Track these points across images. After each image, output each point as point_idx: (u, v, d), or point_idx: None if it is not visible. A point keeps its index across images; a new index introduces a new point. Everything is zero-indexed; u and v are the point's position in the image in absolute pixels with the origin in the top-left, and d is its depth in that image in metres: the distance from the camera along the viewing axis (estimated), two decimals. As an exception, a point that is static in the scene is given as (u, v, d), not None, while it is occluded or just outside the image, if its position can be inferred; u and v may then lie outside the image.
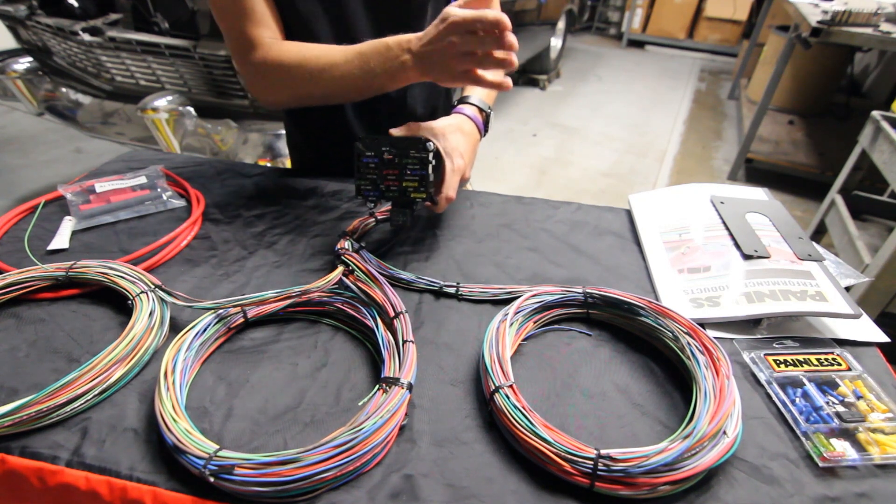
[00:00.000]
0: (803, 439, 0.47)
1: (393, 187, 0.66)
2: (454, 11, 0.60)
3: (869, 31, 2.11)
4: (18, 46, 2.29)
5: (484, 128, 0.80)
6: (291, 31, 0.77)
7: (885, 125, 1.52)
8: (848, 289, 0.61)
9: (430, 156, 0.64)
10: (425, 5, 0.81)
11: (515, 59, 0.62)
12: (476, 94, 0.81)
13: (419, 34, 0.65)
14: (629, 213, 0.83)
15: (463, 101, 0.80)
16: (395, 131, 0.69)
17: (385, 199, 0.67)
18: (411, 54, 0.65)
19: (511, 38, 0.60)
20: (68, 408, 0.47)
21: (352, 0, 0.77)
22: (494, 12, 0.59)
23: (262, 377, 0.52)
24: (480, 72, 0.63)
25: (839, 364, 0.53)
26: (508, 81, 0.64)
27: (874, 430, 0.46)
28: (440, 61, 0.63)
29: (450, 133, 0.71)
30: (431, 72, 0.65)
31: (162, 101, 1.78)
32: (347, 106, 0.87)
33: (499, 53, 0.62)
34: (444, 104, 0.96)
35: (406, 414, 0.47)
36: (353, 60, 0.68)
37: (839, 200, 1.75)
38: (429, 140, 0.64)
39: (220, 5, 0.72)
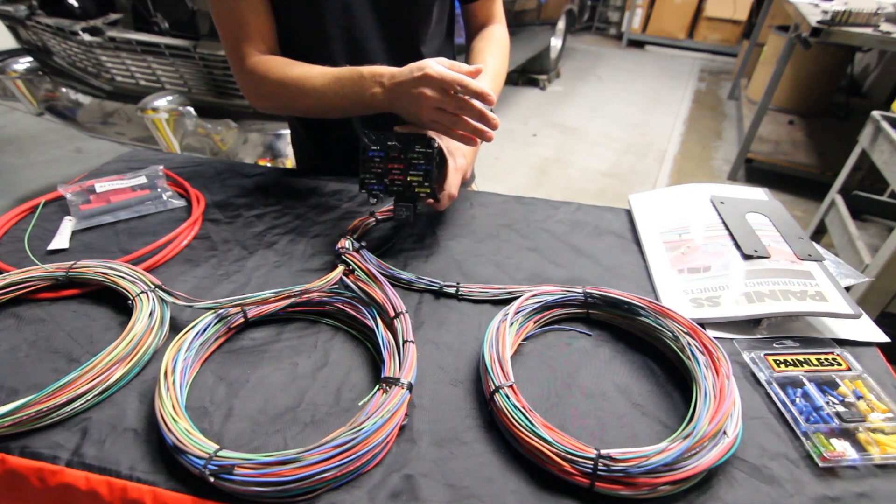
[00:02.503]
0: (803, 439, 0.47)
1: (398, 182, 0.67)
2: (431, 65, 0.62)
3: (869, 31, 2.11)
4: (18, 46, 2.29)
5: None
6: (298, 30, 0.77)
7: (885, 125, 1.52)
8: (848, 289, 0.61)
9: (435, 152, 0.65)
10: (431, 6, 0.81)
11: (492, 134, 0.64)
12: None
13: (394, 70, 0.66)
14: (629, 213, 0.83)
15: None
16: (400, 129, 0.69)
17: (389, 193, 0.67)
18: (383, 89, 0.67)
19: (492, 116, 0.62)
20: (68, 408, 0.47)
21: (358, 3, 0.77)
22: (478, 84, 0.61)
23: (262, 377, 0.52)
24: (452, 129, 0.64)
25: (839, 364, 0.53)
26: (477, 141, 0.66)
27: (874, 430, 0.46)
28: (408, 106, 0.65)
29: None
30: (399, 111, 0.68)
31: (162, 101, 1.78)
32: None
33: (476, 123, 0.63)
34: None
35: (406, 414, 0.47)
36: (329, 85, 0.71)
37: (839, 200, 1.75)
38: (433, 138, 0.65)
39: (217, 19, 0.75)
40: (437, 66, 0.62)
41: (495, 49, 0.86)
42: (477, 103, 0.63)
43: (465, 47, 0.91)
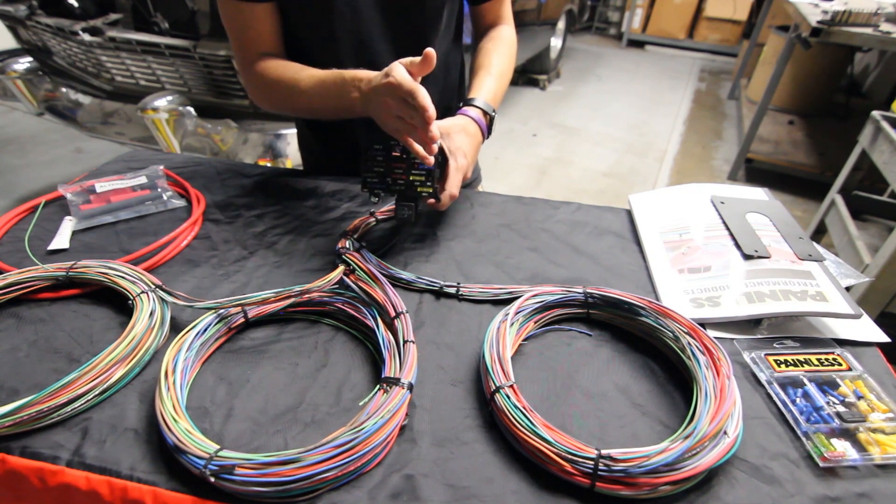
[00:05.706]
0: (804, 439, 0.47)
1: (400, 181, 0.67)
2: (396, 71, 0.60)
3: (869, 31, 2.11)
4: (18, 46, 2.28)
5: (487, 131, 0.80)
6: (307, 32, 0.78)
7: (885, 125, 1.52)
8: (848, 289, 0.61)
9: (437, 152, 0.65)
10: (441, 9, 0.81)
11: (433, 154, 0.63)
12: (481, 96, 0.81)
13: (371, 74, 0.65)
14: (629, 213, 0.83)
15: (468, 103, 0.80)
16: None
17: (391, 192, 0.68)
18: (360, 93, 0.67)
19: (433, 131, 0.60)
20: (69, 408, 0.47)
21: (367, 6, 0.77)
22: (424, 98, 0.59)
23: (262, 377, 0.52)
24: (408, 138, 0.63)
25: (840, 364, 0.53)
26: (430, 160, 0.64)
27: (874, 430, 0.46)
28: (377, 112, 0.65)
29: (455, 133, 0.72)
30: (372, 115, 0.67)
31: (162, 101, 1.78)
32: None
33: (424, 136, 0.61)
34: (457, 106, 0.96)
35: (406, 414, 0.47)
36: (315, 88, 0.72)
37: (839, 200, 1.75)
38: None
39: (224, 20, 0.76)
40: (400, 72, 0.60)
41: (502, 49, 0.86)
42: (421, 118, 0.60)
43: (471, 47, 0.91)
